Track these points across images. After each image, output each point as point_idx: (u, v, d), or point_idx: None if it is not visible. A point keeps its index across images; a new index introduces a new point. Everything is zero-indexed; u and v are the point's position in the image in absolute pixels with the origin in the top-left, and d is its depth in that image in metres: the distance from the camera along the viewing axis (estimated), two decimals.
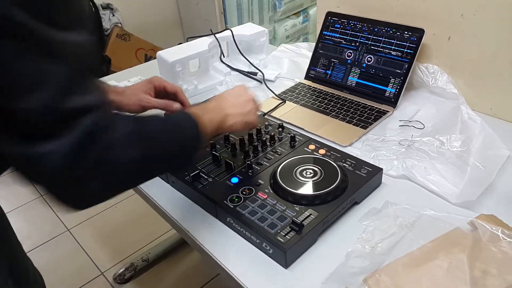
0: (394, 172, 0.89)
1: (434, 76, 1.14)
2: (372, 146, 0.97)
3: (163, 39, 2.95)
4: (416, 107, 1.12)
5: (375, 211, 0.79)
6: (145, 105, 0.97)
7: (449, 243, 0.70)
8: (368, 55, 1.19)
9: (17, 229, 2.02)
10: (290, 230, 0.70)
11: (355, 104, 1.15)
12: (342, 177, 0.80)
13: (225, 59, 1.40)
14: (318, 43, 1.30)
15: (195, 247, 0.79)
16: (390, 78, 1.14)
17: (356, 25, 1.22)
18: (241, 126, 0.82)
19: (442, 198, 0.83)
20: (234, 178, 0.84)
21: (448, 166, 0.88)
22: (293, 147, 0.93)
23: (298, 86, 1.27)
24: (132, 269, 1.66)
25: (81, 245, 1.85)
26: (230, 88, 1.24)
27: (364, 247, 0.71)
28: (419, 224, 0.74)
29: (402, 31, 1.13)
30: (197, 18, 3.00)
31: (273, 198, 0.78)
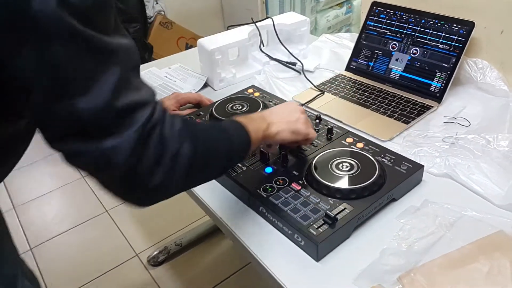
0: (436, 170, 0.86)
1: (483, 72, 1.08)
2: (414, 142, 0.93)
3: (204, 28, 2.97)
4: (462, 104, 1.07)
5: (413, 209, 0.76)
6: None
7: (491, 246, 0.67)
8: (413, 47, 1.14)
9: (59, 207, 2.12)
10: (323, 223, 0.69)
11: (398, 98, 1.11)
12: (380, 172, 0.78)
13: (265, 48, 1.39)
14: (362, 33, 1.27)
15: (228, 234, 0.79)
16: (436, 72, 1.10)
17: (402, 16, 1.18)
18: (288, 134, 0.78)
19: (486, 199, 0.79)
20: (269, 168, 0.84)
21: (494, 166, 0.84)
22: (330, 139, 0.91)
23: (338, 78, 1.25)
24: (166, 252, 1.69)
25: (118, 226, 1.90)
26: (269, 77, 1.24)
27: (400, 245, 0.69)
28: (459, 225, 0.71)
29: (451, 23, 1.08)
30: (239, 7, 2.99)
31: (307, 190, 0.77)
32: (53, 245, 1.85)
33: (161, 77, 1.35)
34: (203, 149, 0.60)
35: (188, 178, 0.60)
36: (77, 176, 2.23)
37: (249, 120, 0.73)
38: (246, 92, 1.16)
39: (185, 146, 0.57)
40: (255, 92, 1.15)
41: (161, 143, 0.54)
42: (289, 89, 1.21)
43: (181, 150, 0.56)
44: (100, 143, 0.50)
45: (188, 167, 0.57)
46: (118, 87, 0.50)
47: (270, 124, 0.76)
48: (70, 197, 2.14)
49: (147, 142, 0.53)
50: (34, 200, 2.12)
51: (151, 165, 0.53)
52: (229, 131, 0.68)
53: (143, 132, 0.52)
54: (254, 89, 1.17)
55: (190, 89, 1.27)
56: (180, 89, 1.27)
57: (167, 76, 1.36)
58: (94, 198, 2.08)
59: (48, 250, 1.82)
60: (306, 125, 0.81)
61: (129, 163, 0.52)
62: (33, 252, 1.81)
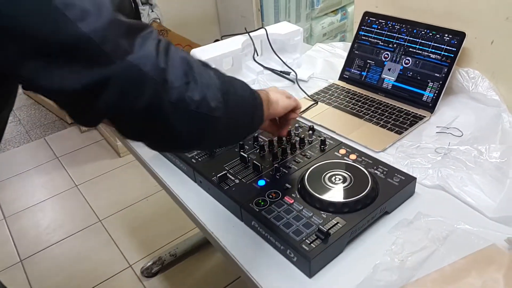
0: (428, 182, 0.86)
1: (475, 82, 1.08)
2: (407, 153, 0.93)
3: (200, 35, 2.97)
4: (455, 113, 1.07)
5: (406, 222, 0.76)
6: None
7: (484, 260, 0.66)
8: (406, 57, 1.15)
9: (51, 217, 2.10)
10: (316, 238, 0.69)
11: (390, 108, 1.11)
12: (372, 185, 0.77)
13: (259, 58, 1.39)
14: (354, 43, 1.27)
15: (218, 248, 0.78)
16: (428, 82, 1.10)
17: (394, 26, 1.18)
18: (286, 100, 0.81)
19: (478, 212, 0.78)
20: (261, 180, 0.83)
21: (486, 178, 0.84)
22: (323, 151, 0.91)
23: (332, 87, 1.25)
24: (160, 263, 1.68)
25: (112, 236, 1.89)
26: (262, 87, 1.24)
27: (393, 260, 0.68)
28: (452, 239, 0.71)
29: (442, 33, 1.08)
30: (234, 14, 3.00)
31: (300, 203, 0.76)
32: (44, 256, 1.83)
33: None
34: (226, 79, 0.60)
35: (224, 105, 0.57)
36: (70, 185, 2.22)
37: None
38: None
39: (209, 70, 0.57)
40: None
41: (183, 59, 0.53)
42: None
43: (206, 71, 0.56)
44: (120, 62, 0.47)
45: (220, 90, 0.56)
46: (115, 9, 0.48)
47: (268, 92, 0.78)
48: (63, 207, 2.12)
49: (168, 54, 0.51)
50: (25, 210, 2.10)
51: (183, 75, 0.52)
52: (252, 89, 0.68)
53: (159, 45, 0.51)
54: None
55: None
56: None
57: None
58: (87, 208, 2.06)
59: (39, 262, 1.81)
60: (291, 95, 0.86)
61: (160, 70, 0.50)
62: (23, 264, 1.79)
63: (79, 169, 2.33)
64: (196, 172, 0.89)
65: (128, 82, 0.48)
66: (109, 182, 2.22)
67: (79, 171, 2.31)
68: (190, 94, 0.52)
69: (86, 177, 2.25)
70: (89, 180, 2.24)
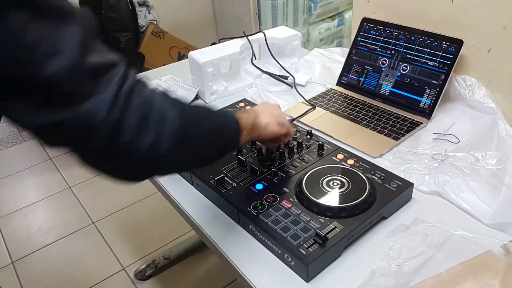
0: (425, 188, 0.86)
1: (472, 89, 1.09)
2: (404, 159, 0.93)
3: (197, 37, 2.97)
4: (451, 120, 1.08)
5: (403, 228, 0.76)
6: None
7: (480, 266, 0.67)
8: (403, 64, 1.15)
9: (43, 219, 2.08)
10: (314, 243, 0.68)
11: (388, 114, 1.12)
12: (370, 190, 0.78)
13: (257, 62, 1.39)
14: (352, 49, 1.27)
15: (215, 251, 0.78)
16: (426, 88, 1.10)
17: (392, 32, 1.19)
18: (276, 126, 0.81)
19: (475, 218, 0.79)
20: (259, 184, 0.83)
21: (482, 185, 0.84)
22: (321, 155, 0.91)
23: (329, 92, 1.25)
24: (154, 266, 1.67)
25: (105, 239, 1.88)
26: (260, 91, 1.24)
27: (390, 265, 0.68)
28: (449, 244, 0.71)
29: (440, 41, 1.09)
30: (232, 18, 3.00)
31: (297, 207, 0.76)
32: (36, 258, 1.81)
33: None
34: (191, 118, 0.59)
35: (177, 147, 0.56)
36: (63, 187, 2.20)
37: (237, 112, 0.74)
38: (238, 105, 1.16)
39: (172, 110, 0.54)
40: (247, 105, 1.15)
41: (144, 102, 0.51)
42: (281, 103, 1.20)
43: (167, 112, 0.53)
44: (76, 108, 0.47)
45: (177, 132, 0.55)
46: (84, 47, 0.47)
47: (258, 114, 0.78)
48: (55, 209, 2.11)
49: (128, 100, 0.50)
50: (18, 211, 2.08)
51: (136, 124, 0.50)
52: (218, 111, 0.70)
53: (121, 89, 0.49)
54: (246, 102, 1.17)
55: None
56: None
57: (158, 87, 1.35)
58: (80, 210, 2.05)
59: (31, 264, 1.79)
60: (286, 120, 0.86)
61: (112, 123, 0.49)
62: (15, 266, 1.77)
63: (72, 170, 2.31)
64: (193, 175, 0.89)
65: (78, 130, 0.49)
66: (103, 184, 2.20)
67: (72, 173, 2.29)
68: (141, 142, 0.51)
69: (79, 179, 2.24)
70: (82, 181, 2.22)
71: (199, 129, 0.61)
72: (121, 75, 0.50)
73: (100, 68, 0.49)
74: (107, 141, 0.50)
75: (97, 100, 0.48)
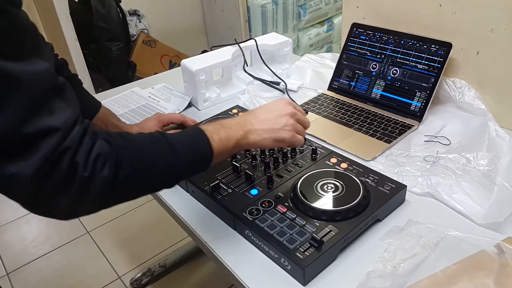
0: (418, 189, 0.87)
1: (461, 91, 1.11)
2: (396, 162, 0.94)
3: (188, 45, 2.99)
4: (442, 122, 1.09)
5: (397, 230, 0.77)
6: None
7: (474, 266, 0.68)
8: (393, 68, 1.17)
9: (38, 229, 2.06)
10: (310, 246, 0.69)
11: (379, 117, 1.13)
12: (364, 193, 0.78)
13: (248, 68, 1.40)
14: (343, 54, 1.29)
15: (212, 258, 0.78)
16: (416, 91, 1.12)
17: (381, 37, 1.20)
18: (269, 143, 0.74)
19: (468, 218, 0.80)
20: (254, 189, 0.83)
21: (474, 185, 0.86)
22: (315, 159, 0.92)
23: (321, 97, 1.26)
24: (149, 274, 1.66)
25: (100, 248, 1.87)
26: (253, 97, 1.25)
27: (385, 267, 0.69)
28: (443, 245, 0.72)
29: (429, 44, 1.11)
30: (222, 25, 3.02)
31: (293, 212, 0.77)
32: (31, 269, 1.80)
33: (144, 97, 1.35)
34: (129, 170, 0.58)
35: (106, 200, 0.59)
36: None
37: (220, 127, 0.70)
38: (231, 112, 1.16)
39: (103, 171, 0.54)
40: (240, 112, 1.16)
41: (70, 169, 0.52)
42: None
43: (96, 176, 0.54)
44: (1, 168, 0.50)
45: (105, 192, 0.56)
46: (24, 114, 0.49)
47: (248, 132, 0.73)
48: (49, 219, 2.08)
49: (53, 168, 0.51)
50: (12, 222, 2.06)
51: (56, 191, 0.52)
52: (177, 146, 0.64)
53: (49, 158, 0.50)
54: (239, 109, 1.17)
55: (174, 109, 1.26)
56: (163, 109, 1.27)
57: (150, 96, 1.35)
58: (75, 220, 2.03)
59: (26, 275, 1.77)
60: (292, 132, 0.76)
61: (32, 190, 0.51)
62: (9, 278, 1.76)
63: None
64: (188, 182, 0.89)
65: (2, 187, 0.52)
66: None
67: None
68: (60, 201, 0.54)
69: None
70: None
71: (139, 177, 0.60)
72: (53, 143, 0.51)
73: (32, 136, 0.50)
74: (29, 200, 0.53)
75: (22, 165, 0.50)
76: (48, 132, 0.51)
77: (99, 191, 0.55)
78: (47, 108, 0.52)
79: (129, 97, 1.35)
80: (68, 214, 0.58)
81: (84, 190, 0.54)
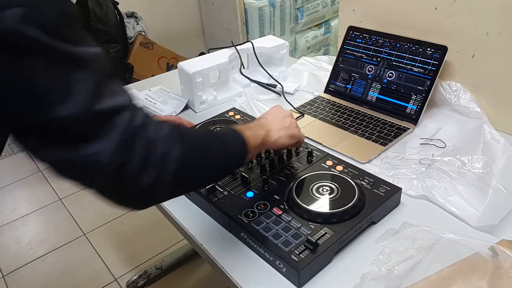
0: (413, 192, 0.87)
1: (457, 94, 1.11)
2: (391, 164, 0.95)
3: (185, 48, 2.99)
4: (438, 125, 1.10)
5: (392, 232, 0.77)
6: None
7: (468, 269, 0.68)
8: (389, 71, 1.17)
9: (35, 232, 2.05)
10: (305, 249, 0.69)
11: (375, 120, 1.13)
12: (359, 196, 0.79)
13: (245, 71, 1.41)
14: (339, 57, 1.29)
15: (207, 260, 0.78)
16: (412, 94, 1.12)
17: (377, 40, 1.21)
18: (286, 140, 0.84)
19: (462, 221, 0.80)
20: (250, 192, 0.84)
21: (469, 188, 0.86)
22: (310, 162, 0.92)
23: (318, 100, 1.27)
24: (146, 276, 1.66)
25: (97, 250, 1.86)
26: (249, 99, 1.25)
27: (380, 270, 0.69)
28: (438, 248, 0.72)
29: (425, 47, 1.12)
30: (219, 28, 3.02)
31: (288, 214, 0.77)
32: (28, 271, 1.79)
33: (141, 99, 1.35)
34: (194, 154, 0.61)
35: (179, 182, 0.59)
36: (54, 199, 2.19)
37: (246, 128, 0.75)
38: (227, 114, 1.16)
39: (175, 149, 0.57)
40: (236, 114, 1.16)
41: (147, 145, 0.54)
42: None
43: (170, 153, 0.56)
44: (82, 150, 0.50)
45: (178, 170, 0.57)
46: (95, 92, 0.50)
47: (269, 131, 0.80)
48: (46, 221, 2.09)
49: (132, 144, 0.52)
50: (8, 224, 2.05)
51: (138, 166, 0.53)
52: (224, 138, 0.70)
53: (126, 134, 0.52)
54: (235, 111, 1.18)
55: (171, 111, 1.26)
56: (160, 111, 1.27)
57: (147, 98, 1.36)
58: (71, 221, 2.03)
59: (22, 277, 1.77)
60: (297, 129, 0.88)
61: (115, 166, 0.51)
62: (5, 280, 1.75)
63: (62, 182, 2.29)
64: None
65: (83, 170, 0.52)
66: None
67: (62, 184, 2.26)
68: (141, 182, 0.54)
69: (70, 190, 2.22)
70: (73, 193, 2.21)
71: (202, 163, 0.64)
72: (127, 119, 0.53)
73: (107, 114, 0.51)
74: (110, 181, 0.53)
75: (101, 144, 0.51)
76: (118, 110, 0.52)
77: (175, 167, 0.56)
78: (110, 89, 0.53)
79: None
80: (146, 200, 0.59)
81: (162, 165, 0.55)
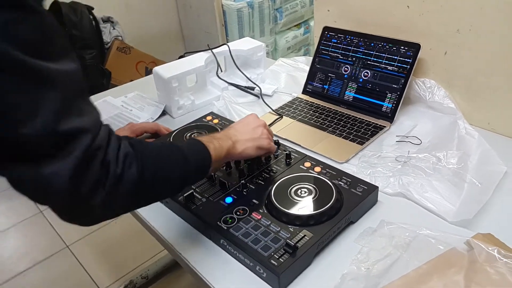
0: (390, 190, 0.88)
1: (431, 91, 1.13)
2: (369, 163, 0.96)
3: (164, 51, 2.97)
4: (413, 122, 1.11)
5: (370, 231, 0.77)
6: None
7: (445, 264, 0.69)
8: (364, 70, 1.18)
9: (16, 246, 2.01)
10: (284, 253, 0.69)
11: (352, 119, 1.14)
12: (337, 196, 0.79)
13: (222, 74, 1.40)
14: (315, 57, 1.30)
15: (187, 269, 0.78)
16: (387, 93, 1.14)
17: (352, 40, 1.22)
18: (253, 151, 0.84)
19: (439, 217, 0.81)
20: (229, 198, 0.83)
21: (445, 183, 0.87)
22: (289, 164, 0.92)
23: (296, 101, 1.27)
24: (131, 286, 1.64)
25: (80, 262, 1.84)
26: (227, 103, 1.24)
27: (359, 269, 0.70)
28: (415, 245, 0.73)
29: (399, 46, 1.13)
30: (198, 30, 3.01)
31: (267, 218, 0.77)
32: (9, 287, 1.75)
33: (117, 106, 1.33)
34: (152, 171, 0.61)
35: (134, 199, 0.62)
36: (35, 211, 2.15)
37: (212, 138, 0.76)
38: (205, 119, 1.16)
39: (131, 169, 0.58)
40: (214, 119, 1.15)
41: (103, 167, 0.55)
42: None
43: (126, 173, 0.57)
44: (39, 169, 0.50)
45: (133, 190, 0.59)
46: (59, 113, 0.50)
47: (235, 142, 0.81)
48: (27, 234, 2.05)
49: (88, 166, 0.53)
50: None
51: (92, 188, 0.54)
52: (185, 151, 0.70)
53: (83, 157, 0.52)
54: (213, 116, 1.17)
55: (148, 118, 1.25)
56: (137, 118, 1.26)
57: (123, 105, 1.34)
58: (53, 233, 2.00)
59: None
60: (268, 140, 0.87)
61: (69, 188, 0.52)
62: None
63: None
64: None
65: (38, 189, 0.53)
66: None
67: None
68: (95, 201, 0.55)
69: None
70: None
71: (160, 179, 0.64)
72: (88, 141, 0.53)
73: (69, 134, 0.51)
74: (63, 200, 0.54)
75: (58, 166, 0.51)
76: (80, 132, 0.52)
77: (129, 188, 0.58)
78: (77, 109, 0.53)
79: (101, 107, 1.31)
80: (99, 217, 0.59)
81: (116, 187, 0.56)
